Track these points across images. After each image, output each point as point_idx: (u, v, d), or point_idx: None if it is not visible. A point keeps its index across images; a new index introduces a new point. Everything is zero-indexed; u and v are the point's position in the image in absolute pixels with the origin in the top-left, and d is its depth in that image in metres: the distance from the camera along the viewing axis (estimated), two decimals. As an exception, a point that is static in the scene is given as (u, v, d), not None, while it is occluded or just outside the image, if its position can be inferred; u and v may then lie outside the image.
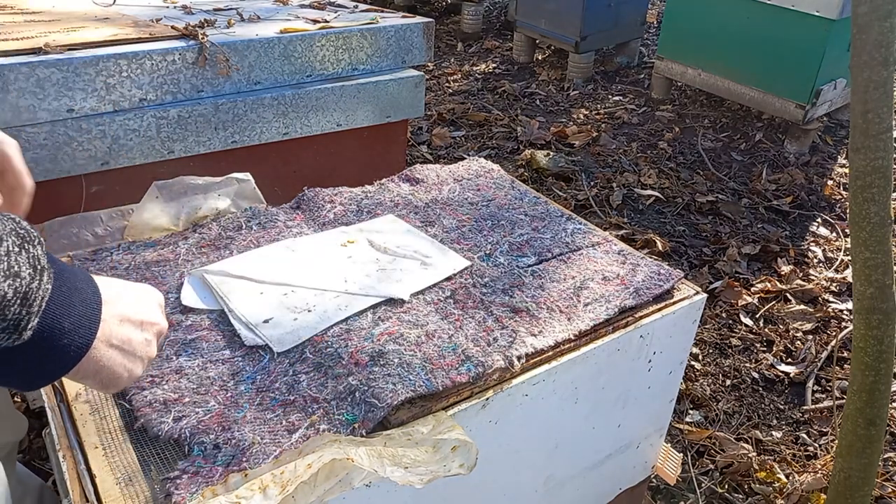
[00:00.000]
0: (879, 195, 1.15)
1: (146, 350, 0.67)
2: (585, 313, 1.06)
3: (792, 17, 3.16)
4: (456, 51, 4.80)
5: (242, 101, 1.66)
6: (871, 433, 1.26)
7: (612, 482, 1.33)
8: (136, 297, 0.67)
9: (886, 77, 1.11)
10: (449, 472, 0.80)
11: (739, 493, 1.72)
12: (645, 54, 4.62)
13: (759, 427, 1.93)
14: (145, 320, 0.67)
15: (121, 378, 0.64)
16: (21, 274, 0.51)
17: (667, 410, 1.32)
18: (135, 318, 0.65)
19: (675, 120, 3.75)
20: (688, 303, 1.15)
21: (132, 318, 0.65)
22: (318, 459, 0.74)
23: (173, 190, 1.24)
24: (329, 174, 1.94)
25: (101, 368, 0.62)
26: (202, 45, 1.57)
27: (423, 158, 3.29)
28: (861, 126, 1.14)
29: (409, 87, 1.94)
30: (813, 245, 2.76)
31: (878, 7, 1.08)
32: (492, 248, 1.22)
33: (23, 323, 0.52)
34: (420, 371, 0.90)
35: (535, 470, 1.11)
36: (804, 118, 3.26)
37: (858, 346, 1.24)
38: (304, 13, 2.00)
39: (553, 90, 4.16)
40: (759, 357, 2.18)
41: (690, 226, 2.85)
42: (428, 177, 1.47)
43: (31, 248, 0.53)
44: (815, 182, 3.20)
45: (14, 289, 0.50)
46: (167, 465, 0.81)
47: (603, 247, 1.25)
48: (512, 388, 0.95)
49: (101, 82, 1.47)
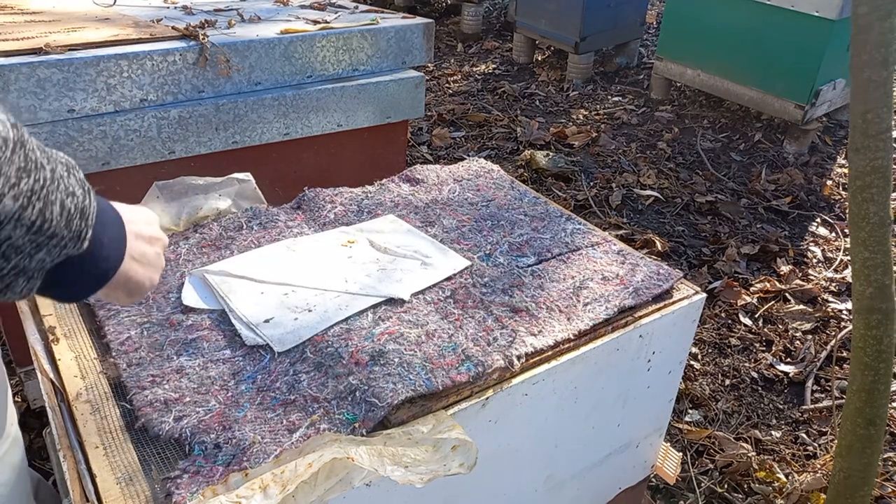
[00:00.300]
0: (879, 195, 1.16)
1: (158, 261, 0.78)
2: (585, 313, 1.06)
3: (792, 17, 3.17)
4: (456, 51, 4.80)
5: (243, 101, 1.67)
6: (870, 433, 1.27)
7: (612, 482, 1.33)
8: (141, 217, 0.77)
9: (886, 77, 1.11)
10: (449, 472, 0.80)
11: (739, 493, 1.72)
12: (644, 55, 4.62)
13: (759, 427, 1.93)
14: (153, 236, 0.77)
15: (143, 286, 0.74)
16: (76, 193, 0.60)
17: (666, 410, 1.32)
18: (145, 235, 0.75)
19: (674, 120, 3.75)
20: (687, 303, 1.16)
21: (144, 234, 0.75)
22: (318, 459, 0.74)
23: (174, 190, 1.24)
24: (329, 174, 1.94)
25: (129, 279, 0.71)
26: (203, 45, 1.57)
27: (423, 159, 3.29)
28: (861, 126, 1.14)
29: (410, 87, 1.95)
30: (812, 245, 2.76)
31: (878, 7, 1.08)
32: (492, 248, 1.23)
33: (83, 234, 0.61)
34: (420, 370, 0.91)
35: (535, 470, 1.11)
36: (803, 118, 3.26)
37: (858, 345, 1.25)
38: (305, 14, 2.00)
39: (553, 91, 4.16)
40: (759, 357, 2.18)
41: (690, 226, 2.86)
42: (428, 177, 1.47)
43: (76, 172, 0.62)
44: (814, 182, 3.20)
45: (74, 205, 0.60)
46: (168, 464, 0.81)
47: (602, 247, 1.25)
48: (512, 387, 0.95)
49: (102, 83, 1.47)
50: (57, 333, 1.00)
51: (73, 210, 0.60)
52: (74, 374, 0.93)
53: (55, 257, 0.60)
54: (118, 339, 0.97)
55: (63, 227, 0.58)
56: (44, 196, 0.56)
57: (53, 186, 0.58)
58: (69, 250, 0.60)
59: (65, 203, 0.59)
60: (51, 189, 0.57)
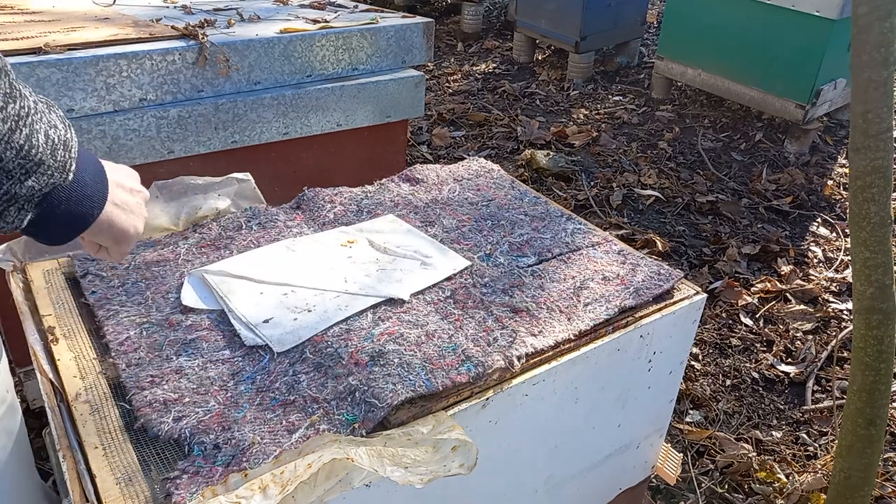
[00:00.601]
0: (879, 195, 1.15)
1: (141, 210, 0.80)
2: (585, 313, 1.06)
3: (792, 17, 3.16)
4: (456, 51, 4.80)
5: (242, 101, 1.66)
6: (871, 433, 1.26)
7: (612, 482, 1.33)
8: (121, 169, 0.80)
9: (886, 77, 1.11)
10: (449, 472, 0.80)
11: (739, 493, 1.72)
12: (645, 54, 4.62)
13: (759, 427, 1.93)
14: (133, 187, 0.80)
15: (128, 232, 0.76)
16: (57, 126, 0.63)
17: (667, 410, 1.32)
18: (126, 185, 0.78)
19: (675, 120, 3.75)
20: (688, 303, 1.15)
21: (125, 184, 0.78)
22: (318, 459, 0.74)
23: (173, 190, 1.24)
24: (329, 174, 1.94)
25: (113, 224, 0.73)
26: (202, 45, 1.57)
27: (423, 158, 3.29)
28: (861, 126, 1.14)
29: (409, 87, 1.94)
30: (813, 245, 2.76)
31: (878, 7, 1.08)
32: (492, 248, 1.22)
33: (67, 165, 0.64)
34: (420, 371, 0.91)
35: (535, 470, 1.11)
36: (804, 118, 3.26)
37: (858, 345, 1.24)
38: (304, 13, 2.00)
39: (553, 90, 4.16)
40: (759, 357, 2.18)
41: (690, 226, 2.85)
42: (428, 177, 1.47)
43: (55, 109, 0.64)
44: (815, 182, 3.20)
45: (57, 136, 0.62)
46: (167, 465, 0.81)
47: (603, 247, 1.25)
48: (512, 388, 0.95)
49: (101, 82, 1.47)
50: (56, 333, 1.00)
51: (57, 140, 0.62)
52: (74, 375, 0.92)
53: (43, 186, 0.62)
54: (117, 340, 0.97)
55: (49, 156, 0.61)
56: (29, 123, 0.59)
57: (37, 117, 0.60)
58: (55, 179, 0.63)
59: (49, 133, 0.62)
60: (35, 118, 0.60)
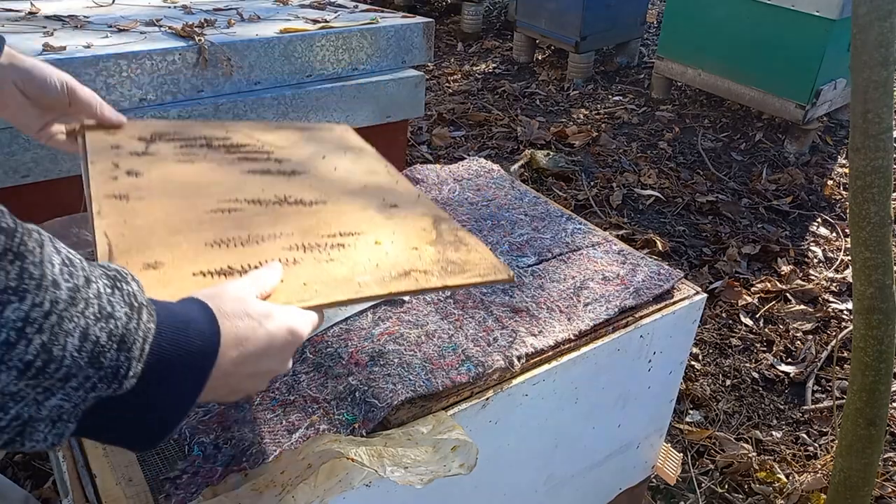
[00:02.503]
0: (879, 195, 1.15)
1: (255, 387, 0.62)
2: (585, 313, 1.06)
3: (792, 17, 3.16)
4: (456, 51, 4.80)
5: (242, 101, 1.66)
6: (871, 433, 1.26)
7: (612, 482, 1.33)
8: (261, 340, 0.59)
9: (886, 77, 1.11)
10: (449, 473, 0.80)
11: (739, 493, 1.72)
12: (645, 54, 4.62)
13: (759, 427, 1.93)
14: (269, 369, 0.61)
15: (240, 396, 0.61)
16: (115, 314, 0.46)
17: (667, 410, 1.32)
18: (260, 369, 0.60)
19: (675, 120, 3.75)
20: (688, 303, 1.15)
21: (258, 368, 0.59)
22: (318, 460, 0.74)
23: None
24: (329, 174, 1.94)
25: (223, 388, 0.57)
26: (201, 46, 1.57)
27: (423, 158, 3.29)
28: (861, 126, 1.14)
29: (409, 87, 1.94)
30: (813, 245, 2.76)
31: (878, 7, 1.08)
32: (492, 248, 1.22)
33: (122, 370, 0.46)
34: (420, 371, 0.91)
35: (535, 470, 1.11)
36: (804, 118, 3.26)
37: (858, 346, 1.24)
38: (304, 13, 2.00)
39: (553, 90, 4.16)
40: (759, 357, 2.18)
41: (690, 226, 2.85)
42: (428, 177, 1.47)
43: (125, 285, 0.49)
44: (815, 182, 3.20)
45: (108, 332, 0.45)
46: (167, 464, 0.80)
47: (603, 247, 1.25)
48: (512, 388, 0.95)
49: (101, 82, 1.47)
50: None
51: (106, 339, 0.45)
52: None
53: (79, 401, 0.45)
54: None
55: (86, 365, 0.44)
56: (49, 326, 0.42)
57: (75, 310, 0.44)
58: (100, 391, 0.46)
59: (89, 332, 0.44)
60: (67, 315, 0.43)
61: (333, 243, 0.81)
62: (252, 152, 0.97)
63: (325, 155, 1.04)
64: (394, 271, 0.78)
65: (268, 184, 0.89)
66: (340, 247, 0.80)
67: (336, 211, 0.89)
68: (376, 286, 0.75)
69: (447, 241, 0.88)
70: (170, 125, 0.99)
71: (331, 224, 0.85)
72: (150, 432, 0.51)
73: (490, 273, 0.83)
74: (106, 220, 0.75)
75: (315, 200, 0.89)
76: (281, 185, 0.90)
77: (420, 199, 0.98)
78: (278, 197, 0.86)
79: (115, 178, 0.83)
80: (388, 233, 0.86)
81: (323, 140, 1.10)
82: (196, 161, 0.91)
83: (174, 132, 0.97)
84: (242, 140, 1.00)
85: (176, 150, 0.92)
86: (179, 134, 0.97)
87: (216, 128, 1.03)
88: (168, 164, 0.88)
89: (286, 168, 0.95)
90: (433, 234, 0.89)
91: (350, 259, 0.78)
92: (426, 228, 0.90)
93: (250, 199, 0.85)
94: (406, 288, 0.76)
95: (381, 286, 0.75)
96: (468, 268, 0.83)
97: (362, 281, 0.75)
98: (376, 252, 0.81)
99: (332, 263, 0.77)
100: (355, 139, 1.16)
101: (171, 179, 0.85)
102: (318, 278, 0.73)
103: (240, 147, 0.98)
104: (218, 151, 0.95)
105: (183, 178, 0.86)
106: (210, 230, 0.77)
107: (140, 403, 0.49)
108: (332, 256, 0.78)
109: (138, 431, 0.50)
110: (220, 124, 1.05)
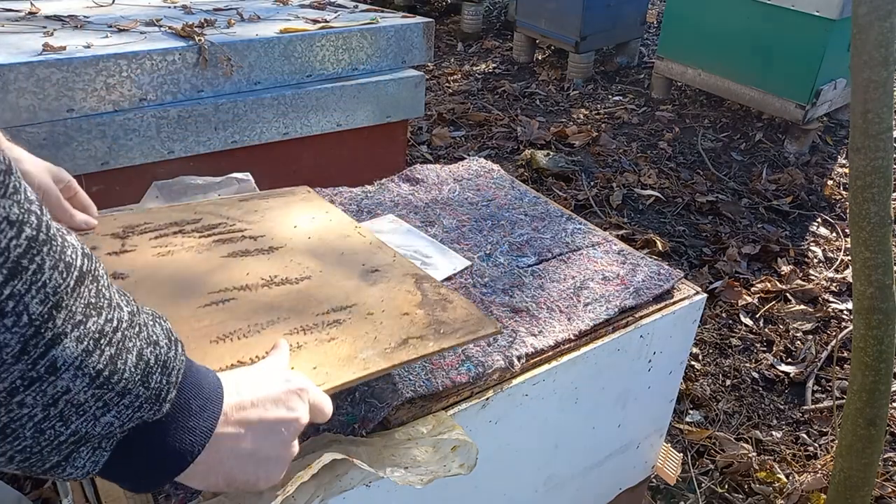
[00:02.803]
0: (879, 195, 1.15)
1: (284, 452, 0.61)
2: (585, 313, 1.06)
3: (792, 17, 3.16)
4: (456, 51, 4.80)
5: (242, 101, 1.66)
6: (871, 433, 1.26)
7: (612, 482, 1.33)
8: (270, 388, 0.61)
9: (886, 77, 1.11)
10: (449, 473, 0.80)
11: (739, 493, 1.72)
12: (645, 54, 4.62)
13: (759, 427, 1.93)
14: (282, 416, 0.60)
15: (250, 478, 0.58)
16: (160, 343, 0.50)
17: (667, 410, 1.32)
18: (267, 417, 0.59)
19: (675, 120, 3.75)
20: (688, 303, 1.15)
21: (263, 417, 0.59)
22: (318, 461, 0.74)
23: (173, 190, 1.24)
24: (329, 174, 1.94)
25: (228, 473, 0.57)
26: (200, 46, 1.56)
27: (423, 158, 3.29)
28: (861, 126, 1.14)
29: (409, 87, 1.94)
30: (813, 245, 2.76)
31: (878, 7, 1.08)
32: (492, 248, 1.22)
33: (163, 393, 0.50)
34: (420, 371, 0.90)
35: (535, 470, 1.11)
36: (804, 118, 3.26)
37: (858, 346, 1.24)
38: (304, 13, 2.00)
39: (553, 90, 4.16)
40: (759, 357, 2.18)
41: (690, 226, 2.85)
42: (428, 177, 1.47)
43: (162, 321, 0.53)
44: (815, 182, 3.20)
45: (156, 356, 0.49)
46: (167, 465, 0.80)
47: (603, 247, 1.25)
48: (512, 388, 0.95)
49: (101, 82, 1.47)
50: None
51: (154, 362, 0.49)
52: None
53: (125, 421, 0.48)
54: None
55: (139, 383, 0.48)
56: (117, 341, 0.46)
57: (132, 332, 0.48)
58: (144, 413, 0.49)
59: (143, 353, 0.48)
60: (128, 334, 0.47)
61: (329, 321, 0.83)
62: (225, 233, 0.99)
63: (296, 224, 1.06)
64: (392, 342, 0.80)
65: (250, 266, 0.91)
66: (337, 323, 0.83)
67: (322, 284, 0.92)
68: (381, 360, 0.77)
69: (433, 300, 0.91)
70: (138, 216, 1.00)
71: (321, 301, 0.87)
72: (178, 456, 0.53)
73: (480, 328, 0.86)
74: None
75: (300, 277, 0.92)
76: (263, 266, 0.92)
77: (396, 260, 1.01)
78: (264, 279, 0.88)
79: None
80: (377, 301, 0.89)
81: (290, 207, 1.12)
82: (175, 251, 0.92)
83: (144, 222, 0.98)
84: (213, 221, 1.02)
85: (152, 243, 0.93)
86: (150, 223, 0.98)
87: (184, 210, 1.04)
88: (149, 260, 0.89)
89: (263, 245, 0.97)
90: (418, 295, 0.92)
91: (349, 335, 0.81)
92: (411, 291, 0.93)
93: (238, 286, 0.88)
94: (407, 357, 0.79)
95: (385, 359, 0.77)
96: (458, 326, 0.86)
97: (366, 357, 0.77)
98: (371, 324, 0.84)
99: (333, 343, 0.79)
100: (318, 201, 1.20)
101: (156, 277, 0.86)
102: (325, 361, 0.76)
103: (212, 229, 0.99)
104: (192, 237, 0.96)
105: (168, 273, 0.87)
106: (210, 326, 0.79)
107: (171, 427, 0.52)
108: (331, 335, 0.81)
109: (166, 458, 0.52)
110: (187, 206, 1.07)
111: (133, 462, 0.51)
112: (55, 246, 0.43)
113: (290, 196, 1.19)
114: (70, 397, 0.44)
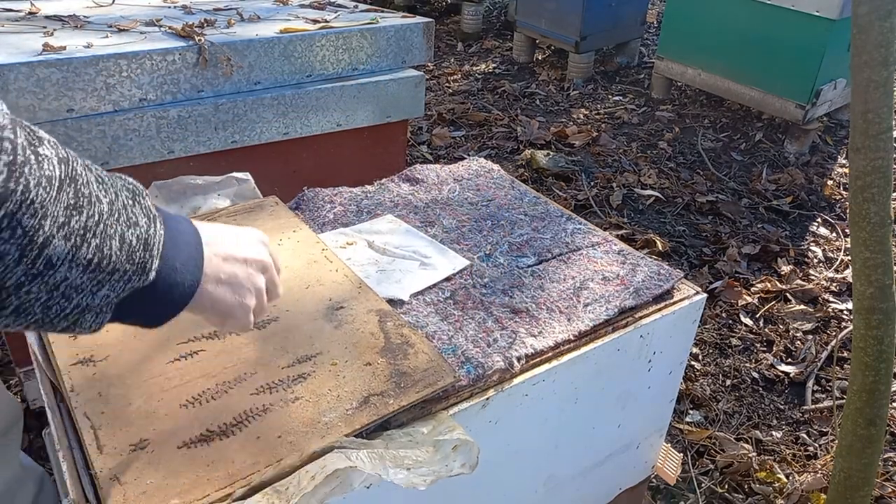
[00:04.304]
0: (879, 195, 1.15)
1: (252, 282, 0.72)
2: (585, 314, 1.06)
3: (792, 17, 3.16)
4: (456, 51, 4.80)
5: (242, 101, 1.66)
6: (871, 433, 1.26)
7: (612, 482, 1.33)
8: (235, 236, 0.73)
9: (886, 77, 1.11)
10: (451, 473, 0.80)
11: (739, 493, 1.72)
12: (645, 54, 4.62)
13: (759, 427, 1.93)
14: (246, 257, 0.72)
15: (234, 308, 0.70)
16: (139, 223, 0.58)
17: (667, 410, 1.32)
18: (236, 256, 0.71)
19: (675, 120, 3.75)
20: (688, 303, 1.15)
21: (232, 255, 0.71)
22: (320, 471, 0.74)
23: (173, 190, 1.24)
24: (329, 174, 1.94)
25: (215, 301, 0.68)
26: (200, 46, 1.56)
27: (423, 158, 3.29)
28: (861, 126, 1.14)
29: (409, 87, 1.94)
30: (813, 245, 2.75)
31: (878, 7, 1.08)
32: (492, 249, 1.22)
33: (147, 265, 0.58)
34: (420, 371, 0.90)
35: (535, 470, 1.11)
36: (804, 118, 3.26)
37: (858, 346, 1.24)
38: (304, 13, 2.00)
39: (553, 90, 4.16)
40: (759, 357, 2.18)
41: (690, 226, 2.85)
42: (428, 177, 1.47)
43: (142, 199, 0.60)
44: (815, 182, 3.20)
45: (137, 236, 0.57)
46: (167, 465, 0.80)
47: (603, 247, 1.25)
48: (512, 388, 0.95)
49: (101, 82, 1.47)
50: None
51: (136, 242, 0.57)
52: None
53: (120, 291, 0.57)
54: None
55: (125, 261, 0.56)
56: (100, 232, 0.54)
57: (112, 220, 0.55)
58: (133, 283, 0.58)
59: (125, 236, 0.56)
60: (108, 223, 0.55)
61: (294, 375, 0.86)
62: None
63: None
64: (354, 401, 0.83)
65: None
66: (301, 378, 0.86)
67: (288, 327, 0.94)
68: (343, 425, 0.80)
69: (395, 344, 0.92)
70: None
71: (287, 349, 0.90)
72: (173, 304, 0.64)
73: (439, 378, 0.88)
74: (81, 396, 0.82)
75: (267, 320, 0.94)
76: None
77: (361, 289, 1.03)
78: None
79: (73, 337, 0.87)
80: (341, 349, 0.91)
81: (257, 225, 1.11)
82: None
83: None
84: None
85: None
86: None
87: None
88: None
89: None
90: (381, 338, 0.93)
91: (313, 393, 0.84)
92: (374, 333, 0.94)
93: (206, 334, 0.90)
94: (368, 420, 0.82)
95: (346, 424, 0.80)
96: (418, 377, 0.87)
97: (328, 421, 0.80)
98: (335, 378, 0.86)
99: (297, 403, 0.82)
100: (286, 215, 1.21)
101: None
102: (289, 427, 0.79)
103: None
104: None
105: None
106: (179, 387, 0.83)
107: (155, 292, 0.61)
108: (295, 393, 0.84)
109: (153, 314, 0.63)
110: None
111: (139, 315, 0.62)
112: (32, 164, 0.48)
113: (259, 211, 1.21)
114: (69, 283, 0.53)
